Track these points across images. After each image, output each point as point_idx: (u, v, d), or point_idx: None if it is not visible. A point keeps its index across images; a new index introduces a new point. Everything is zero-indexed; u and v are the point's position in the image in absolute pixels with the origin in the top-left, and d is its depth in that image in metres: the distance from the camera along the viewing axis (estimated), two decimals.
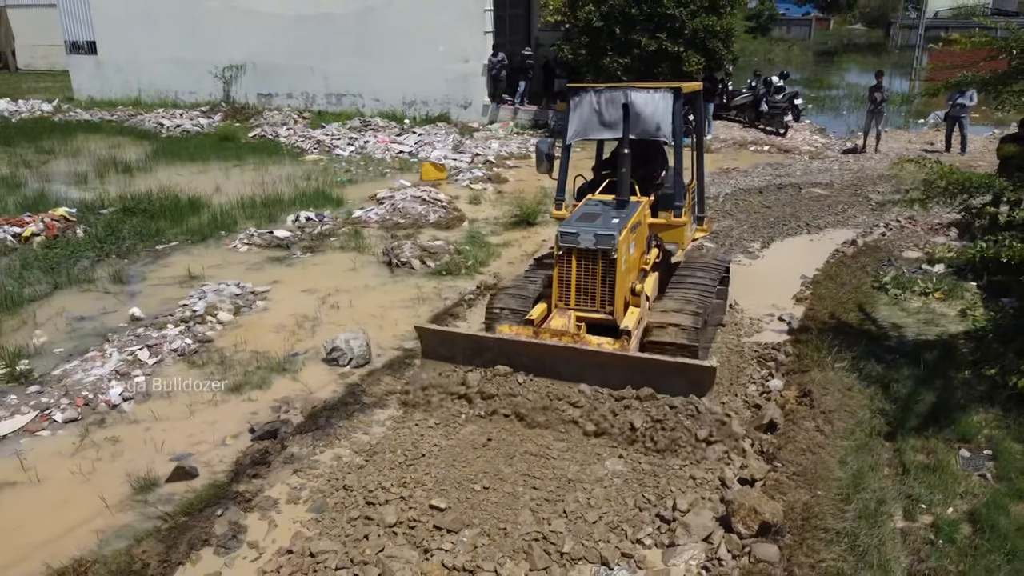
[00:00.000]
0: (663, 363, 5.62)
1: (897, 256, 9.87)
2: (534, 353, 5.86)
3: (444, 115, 21.07)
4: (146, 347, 7.06)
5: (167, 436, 5.74)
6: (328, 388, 6.47)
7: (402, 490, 4.90)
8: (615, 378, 5.67)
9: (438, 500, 4.76)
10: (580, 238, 6.02)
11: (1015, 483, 5.03)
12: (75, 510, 4.90)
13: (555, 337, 5.87)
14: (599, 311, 6.10)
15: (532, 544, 4.43)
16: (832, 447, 5.34)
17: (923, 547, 4.47)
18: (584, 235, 6.01)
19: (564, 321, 5.99)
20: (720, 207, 12.32)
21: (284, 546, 4.50)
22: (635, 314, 6.15)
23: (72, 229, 10.82)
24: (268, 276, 9.21)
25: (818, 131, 19.88)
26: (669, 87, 6.74)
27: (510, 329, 6.14)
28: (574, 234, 6.04)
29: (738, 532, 4.48)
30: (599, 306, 6.10)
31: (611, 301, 6.06)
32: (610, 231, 6.00)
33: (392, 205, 11.90)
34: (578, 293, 6.13)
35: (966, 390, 6.14)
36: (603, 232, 5.99)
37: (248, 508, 4.88)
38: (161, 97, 24.14)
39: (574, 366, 5.75)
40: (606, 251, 5.97)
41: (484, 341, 6.12)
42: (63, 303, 8.32)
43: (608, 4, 17.62)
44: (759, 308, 8.19)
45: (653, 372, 5.60)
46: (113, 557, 4.39)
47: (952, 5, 40.15)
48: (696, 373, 5.57)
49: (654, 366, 5.63)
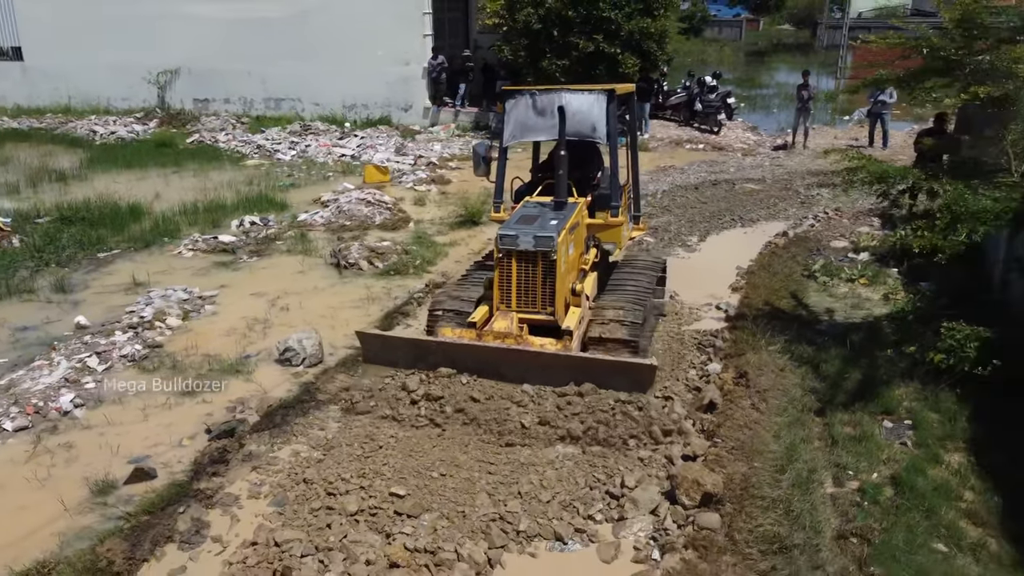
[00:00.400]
0: (605, 362, 5.77)
1: (825, 246, 10.40)
2: (477, 356, 5.90)
3: (385, 118, 21.12)
4: (95, 354, 7.04)
5: (122, 440, 5.78)
6: (283, 387, 6.57)
7: (361, 480, 5.06)
8: (558, 378, 5.75)
9: (397, 488, 4.93)
10: (520, 240, 6.06)
11: (932, 449, 5.45)
12: (33, 515, 4.92)
13: (498, 339, 5.93)
14: (540, 312, 6.14)
15: (490, 524, 4.65)
16: (767, 423, 5.69)
17: (850, 509, 4.84)
18: (524, 237, 6.05)
19: (507, 323, 6.04)
20: (658, 203, 12.73)
21: (248, 539, 4.62)
22: (576, 314, 6.23)
23: (7, 239, 10.60)
24: (215, 281, 9.21)
25: (750, 129, 20.58)
26: (603, 89, 6.84)
27: (452, 332, 6.16)
28: (514, 236, 6.08)
29: (682, 503, 4.77)
30: (540, 307, 6.14)
31: (552, 302, 6.11)
32: (549, 233, 6.05)
33: (337, 208, 11.97)
34: (519, 295, 6.17)
35: (889, 367, 6.57)
36: (542, 234, 6.04)
37: (210, 505, 4.97)
38: (92, 104, 23.53)
39: (517, 368, 5.81)
40: (546, 253, 6.01)
41: (426, 345, 6.15)
42: (3, 314, 8.20)
43: (546, 7, 17.96)
44: (698, 298, 8.56)
45: (595, 371, 5.72)
46: (77, 557, 4.44)
47: (875, 6, 41.87)
48: (637, 371, 5.70)
49: (596, 365, 5.76)
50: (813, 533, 4.57)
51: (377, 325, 7.81)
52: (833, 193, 13.18)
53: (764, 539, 4.49)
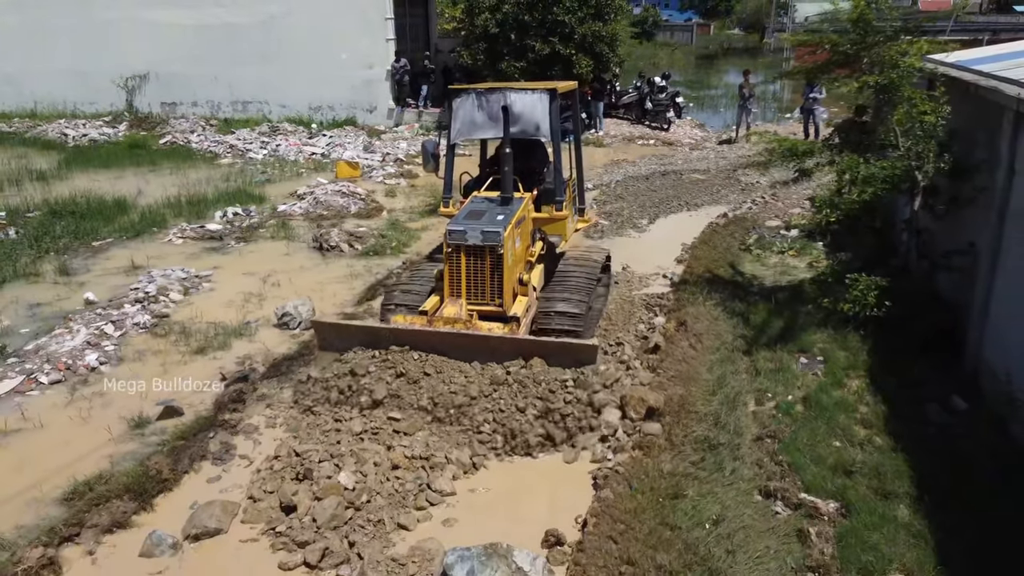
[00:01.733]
0: (550, 344, 6.10)
1: (761, 225, 11.58)
2: (428, 341, 6.11)
3: (350, 119, 21.91)
4: (110, 322, 7.84)
5: (148, 389, 6.61)
6: (284, 346, 7.47)
7: (362, 410, 5.98)
8: (506, 360, 6.02)
9: (395, 414, 5.87)
10: (468, 235, 6.27)
11: (837, 376, 6.56)
12: (82, 444, 5.77)
13: (447, 324, 6.19)
14: (489, 303, 6.40)
15: (472, 437, 5.62)
16: (702, 359, 6.76)
17: (768, 420, 5.92)
18: (471, 232, 6.27)
19: (456, 309, 6.29)
20: (612, 192, 13.83)
21: (271, 454, 5.52)
22: (523, 302, 6.55)
23: (3, 231, 11.25)
24: (208, 263, 10.02)
25: (698, 126, 21.85)
26: (545, 88, 7.08)
27: (404, 319, 6.44)
28: (462, 232, 6.30)
29: (630, 417, 5.80)
30: (489, 299, 6.40)
31: (500, 294, 6.36)
32: (496, 228, 6.29)
33: (315, 199, 12.83)
34: (468, 287, 6.40)
35: (807, 318, 7.68)
36: (489, 229, 6.28)
37: (234, 432, 5.87)
38: (58, 109, 23.86)
39: (467, 351, 6.05)
40: (493, 247, 6.26)
41: (379, 332, 6.36)
42: (15, 294, 8.91)
43: (503, 12, 19.00)
44: (647, 269, 9.64)
45: (541, 353, 6.02)
46: (129, 471, 5.30)
47: (819, 11, 43.85)
48: (580, 351, 6.02)
49: (542, 347, 6.06)
50: (736, 436, 5.65)
51: (361, 297, 8.74)
52: (770, 180, 14.43)
53: (696, 441, 5.54)
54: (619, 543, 4.46)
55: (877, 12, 7.20)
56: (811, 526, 4.63)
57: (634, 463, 5.27)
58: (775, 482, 5.06)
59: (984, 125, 6.62)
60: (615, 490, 4.96)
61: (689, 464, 5.26)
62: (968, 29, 34.17)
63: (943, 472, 5.05)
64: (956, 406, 6.01)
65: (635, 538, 4.50)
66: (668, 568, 4.26)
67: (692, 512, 4.75)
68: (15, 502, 5.07)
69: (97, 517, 4.80)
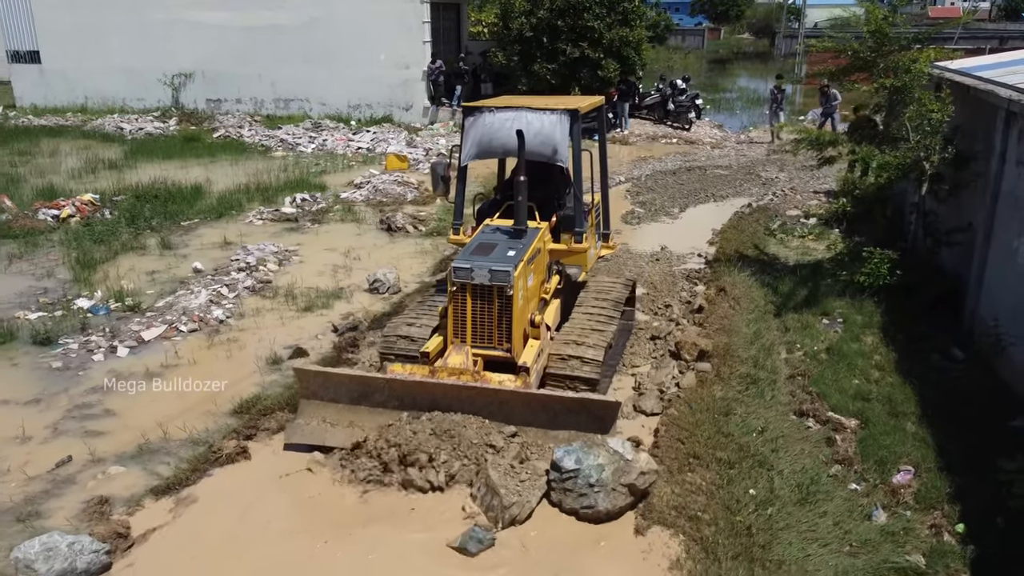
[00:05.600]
0: (566, 399, 5.53)
1: (782, 214, 12.79)
2: (431, 393, 5.53)
3: (387, 117, 23.19)
4: (224, 286, 9.08)
5: (272, 336, 7.85)
6: (378, 305, 8.71)
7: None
8: (517, 416, 5.51)
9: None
10: (474, 274, 5.69)
11: (855, 333, 7.74)
12: (232, 375, 7.00)
13: (453, 376, 5.60)
14: (496, 348, 5.80)
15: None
16: (740, 318, 7.97)
17: (798, 364, 7.12)
18: (479, 270, 5.68)
19: (462, 358, 5.70)
20: (643, 184, 15.05)
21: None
22: (534, 347, 5.94)
23: (100, 212, 12.53)
24: (291, 240, 11.26)
25: (717, 126, 23.05)
26: (566, 108, 6.59)
27: (403, 369, 5.80)
28: (468, 270, 5.70)
29: (684, 359, 7.01)
30: (496, 343, 5.80)
31: (508, 338, 5.77)
32: (506, 266, 5.70)
33: (373, 187, 14.07)
34: (474, 330, 5.81)
35: (827, 288, 8.86)
36: (498, 268, 5.68)
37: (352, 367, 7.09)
38: (108, 104, 25.23)
39: (474, 405, 5.49)
40: (502, 288, 5.67)
41: (373, 382, 5.70)
42: (130, 264, 10.16)
43: (537, 17, 20.25)
44: (683, 250, 10.84)
45: (556, 409, 5.50)
46: (279, 393, 6.53)
47: (828, 17, 45.04)
48: (599, 408, 5.47)
49: (557, 403, 5.51)
50: (772, 374, 6.86)
51: (435, 268, 9.95)
52: (788, 175, 15.64)
53: (740, 377, 6.75)
54: (685, 444, 5.67)
55: (892, 25, 8.41)
56: (837, 435, 5.84)
57: (692, 391, 6.47)
58: (806, 405, 6.26)
59: (981, 121, 7.82)
60: (679, 410, 6.17)
61: (736, 392, 6.47)
62: (977, 36, 35.33)
63: (942, 398, 6.24)
64: (955, 355, 7.20)
65: (697, 441, 5.71)
66: (726, 460, 5.47)
67: (741, 424, 5.96)
68: (195, 412, 6.31)
69: (267, 423, 6.03)
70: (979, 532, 4.70)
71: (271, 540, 4.83)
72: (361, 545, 4.76)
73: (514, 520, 4.95)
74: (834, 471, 5.44)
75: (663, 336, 7.58)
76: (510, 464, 5.23)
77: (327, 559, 4.66)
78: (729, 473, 5.34)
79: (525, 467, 5.27)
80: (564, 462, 5.15)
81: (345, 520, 4.99)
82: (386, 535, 4.85)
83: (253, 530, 4.93)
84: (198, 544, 4.80)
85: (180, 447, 5.83)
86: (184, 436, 5.95)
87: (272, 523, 4.99)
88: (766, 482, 5.23)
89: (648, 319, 8.24)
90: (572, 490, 5.04)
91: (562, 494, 5.08)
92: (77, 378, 6.98)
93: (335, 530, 4.89)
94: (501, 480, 5.07)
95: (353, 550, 4.72)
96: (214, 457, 5.58)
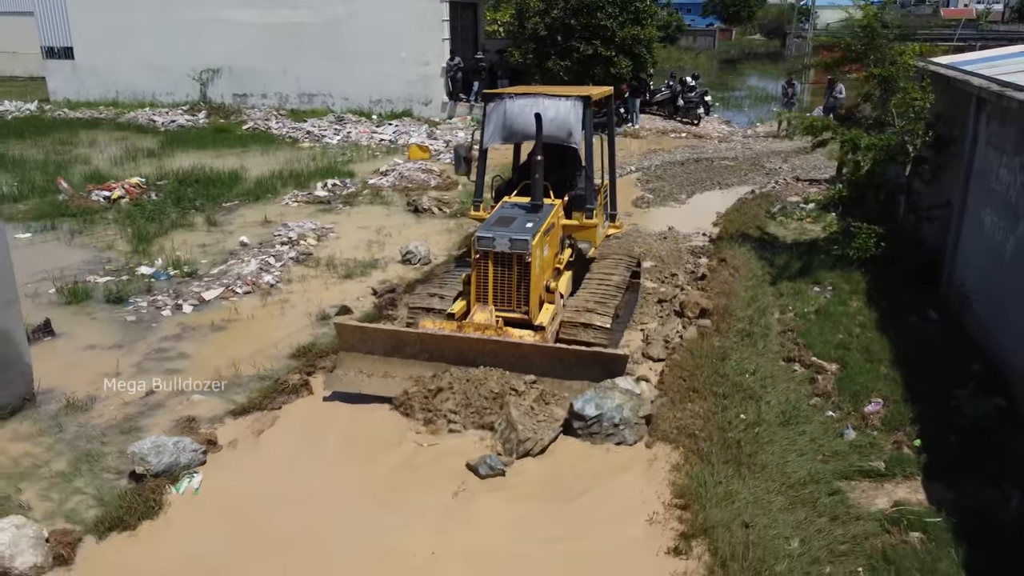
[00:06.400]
0: (580, 353, 6.20)
1: (783, 199, 13.64)
2: (457, 346, 6.16)
3: (407, 111, 24.12)
4: (271, 256, 10.02)
5: (319, 297, 8.77)
6: (411, 274, 9.62)
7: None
8: (535, 368, 6.15)
9: None
10: (496, 242, 6.33)
11: (842, 298, 8.58)
12: (287, 328, 7.93)
13: (478, 331, 6.23)
14: (515, 311, 6.45)
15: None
16: (739, 284, 8.85)
17: (789, 322, 7.98)
18: (500, 239, 6.32)
19: (486, 315, 6.37)
20: (653, 174, 15.94)
21: None
22: (549, 311, 6.63)
23: (146, 194, 13.50)
24: (326, 220, 12.19)
25: (725, 122, 23.90)
26: (579, 95, 7.21)
27: (433, 324, 6.46)
28: (490, 239, 6.36)
29: (687, 316, 7.89)
30: (515, 306, 6.46)
31: (526, 301, 6.43)
32: (524, 235, 6.33)
33: (399, 174, 15.00)
34: (495, 294, 6.46)
35: (820, 262, 9.68)
36: (518, 237, 6.32)
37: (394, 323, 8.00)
38: (138, 99, 26.27)
39: (496, 358, 6.12)
40: (521, 255, 6.30)
41: (406, 336, 6.37)
42: (181, 238, 11.10)
43: (552, 16, 21.14)
44: (688, 230, 11.71)
45: (571, 361, 6.13)
46: (331, 341, 7.44)
47: (840, 18, 45.69)
48: (610, 361, 6.15)
49: (571, 356, 6.15)
50: (766, 329, 7.73)
51: (461, 243, 10.85)
52: (791, 166, 16.49)
53: (737, 331, 7.63)
54: (686, 381, 6.56)
55: (881, 22, 9.28)
56: (819, 375, 6.71)
57: (693, 342, 7.35)
58: (794, 353, 7.14)
59: (958, 108, 8.65)
60: (681, 356, 7.05)
61: (732, 343, 7.35)
62: (987, 37, 35.97)
63: (914, 349, 7.09)
64: (930, 317, 8.03)
65: (697, 379, 6.59)
66: (721, 393, 6.35)
67: (736, 367, 6.83)
68: (258, 356, 7.22)
69: (323, 363, 6.95)
70: (933, 446, 5.56)
71: (326, 455, 5.78)
72: (396, 459, 5.66)
73: (528, 452, 5.63)
74: (814, 402, 6.31)
75: (669, 299, 8.47)
76: (530, 406, 5.96)
77: (369, 474, 5.58)
78: (723, 403, 6.22)
79: (543, 410, 5.99)
80: (586, 410, 5.78)
81: (384, 443, 5.88)
82: (418, 453, 5.73)
83: (314, 445, 5.87)
84: (272, 454, 5.73)
85: (250, 381, 6.76)
86: (253, 372, 6.89)
87: (328, 442, 5.92)
88: (755, 409, 6.11)
89: (655, 286, 9.12)
90: (599, 432, 5.75)
91: (590, 438, 5.77)
92: (151, 329, 7.93)
93: (378, 450, 5.80)
94: (520, 418, 5.77)
95: (392, 461, 5.64)
96: (281, 388, 6.50)
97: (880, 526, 4.77)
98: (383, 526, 4.90)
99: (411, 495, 5.23)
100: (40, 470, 5.46)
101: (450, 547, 4.72)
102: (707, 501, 4.99)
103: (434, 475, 5.45)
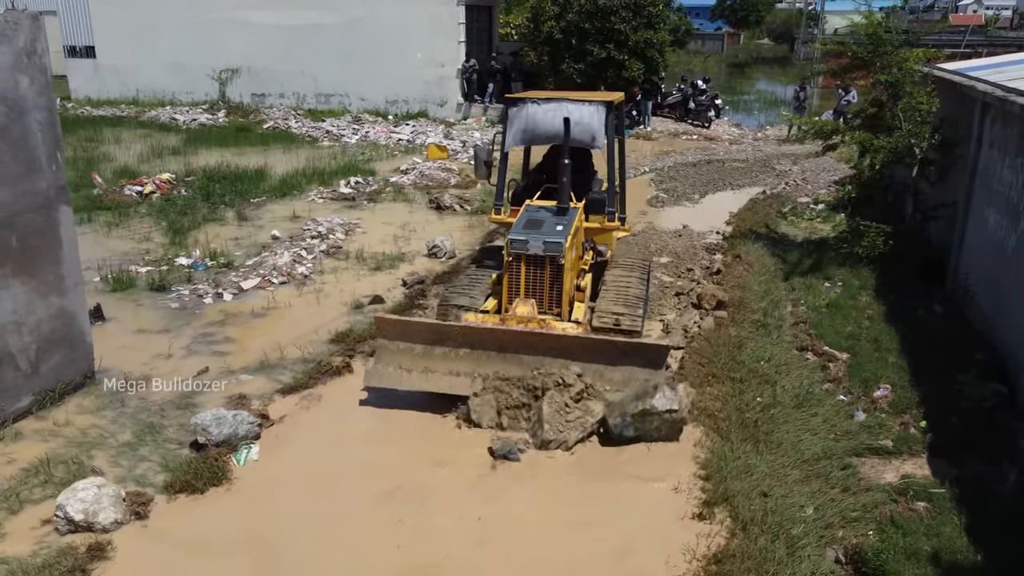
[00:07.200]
0: (621, 344, 6.21)
1: (794, 200, 14.04)
2: (499, 339, 6.16)
3: (423, 112, 24.57)
4: (303, 249, 10.45)
5: (352, 287, 9.20)
6: (438, 266, 10.05)
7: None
8: (578, 360, 6.09)
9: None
10: (530, 245, 6.44)
11: (852, 292, 8.98)
12: (324, 315, 8.37)
13: (520, 323, 6.30)
14: (548, 312, 6.60)
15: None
16: (753, 278, 9.25)
17: (802, 314, 8.38)
18: (533, 242, 6.44)
19: (528, 308, 6.45)
20: (666, 174, 16.36)
21: None
22: (581, 308, 6.87)
23: (177, 190, 13.95)
24: (352, 215, 12.62)
25: (735, 125, 24.31)
26: (602, 101, 7.31)
27: (475, 317, 6.51)
28: (523, 241, 6.48)
29: (704, 308, 8.30)
30: (547, 307, 6.59)
31: (559, 302, 6.59)
32: (558, 238, 6.47)
33: (419, 172, 15.44)
34: (527, 295, 6.56)
35: (830, 259, 10.08)
36: (551, 239, 6.46)
37: (424, 312, 8.42)
38: (158, 97, 26.76)
39: (538, 350, 6.09)
40: (554, 257, 6.44)
41: (447, 330, 6.34)
42: (214, 231, 11.54)
43: (566, 20, 21.57)
44: (702, 228, 12.12)
45: (614, 353, 6.13)
46: (367, 327, 7.86)
47: (848, 23, 46.15)
48: (651, 352, 6.20)
49: (613, 347, 6.16)
50: (779, 321, 8.13)
51: (484, 239, 11.27)
52: (801, 168, 16.88)
53: (752, 322, 8.03)
54: (705, 367, 6.97)
55: (886, 29, 9.69)
56: (830, 363, 7.11)
57: (710, 331, 7.76)
58: (806, 342, 7.54)
59: (964, 112, 9.05)
60: (700, 344, 7.46)
61: (748, 333, 7.75)
62: (996, 43, 36.31)
63: (921, 339, 7.48)
64: (936, 310, 8.43)
65: (715, 365, 7.00)
66: (738, 378, 6.75)
67: (751, 354, 7.23)
68: (300, 341, 7.66)
69: (362, 347, 7.38)
70: (938, 426, 5.96)
71: (370, 431, 6.23)
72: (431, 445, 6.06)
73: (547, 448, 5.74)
74: (826, 387, 6.72)
75: (686, 292, 8.87)
76: (565, 402, 5.85)
77: (404, 456, 5.97)
78: (740, 387, 6.63)
79: (579, 406, 5.90)
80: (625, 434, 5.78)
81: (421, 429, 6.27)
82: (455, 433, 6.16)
83: (358, 421, 6.30)
84: (320, 429, 6.16)
85: (294, 363, 7.19)
86: (297, 355, 7.32)
87: (371, 420, 6.35)
88: (770, 393, 6.51)
89: (672, 280, 9.54)
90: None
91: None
92: (195, 315, 8.38)
93: (419, 427, 6.23)
94: (550, 416, 5.78)
95: (432, 440, 6.08)
96: (324, 369, 6.94)
97: (888, 496, 5.18)
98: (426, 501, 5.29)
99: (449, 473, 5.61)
100: (108, 440, 5.89)
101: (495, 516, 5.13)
102: (727, 473, 5.40)
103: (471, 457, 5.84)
